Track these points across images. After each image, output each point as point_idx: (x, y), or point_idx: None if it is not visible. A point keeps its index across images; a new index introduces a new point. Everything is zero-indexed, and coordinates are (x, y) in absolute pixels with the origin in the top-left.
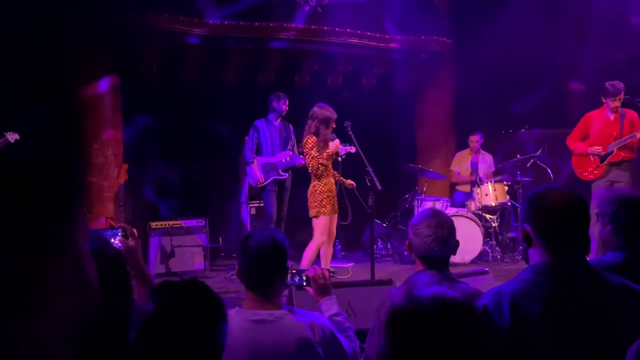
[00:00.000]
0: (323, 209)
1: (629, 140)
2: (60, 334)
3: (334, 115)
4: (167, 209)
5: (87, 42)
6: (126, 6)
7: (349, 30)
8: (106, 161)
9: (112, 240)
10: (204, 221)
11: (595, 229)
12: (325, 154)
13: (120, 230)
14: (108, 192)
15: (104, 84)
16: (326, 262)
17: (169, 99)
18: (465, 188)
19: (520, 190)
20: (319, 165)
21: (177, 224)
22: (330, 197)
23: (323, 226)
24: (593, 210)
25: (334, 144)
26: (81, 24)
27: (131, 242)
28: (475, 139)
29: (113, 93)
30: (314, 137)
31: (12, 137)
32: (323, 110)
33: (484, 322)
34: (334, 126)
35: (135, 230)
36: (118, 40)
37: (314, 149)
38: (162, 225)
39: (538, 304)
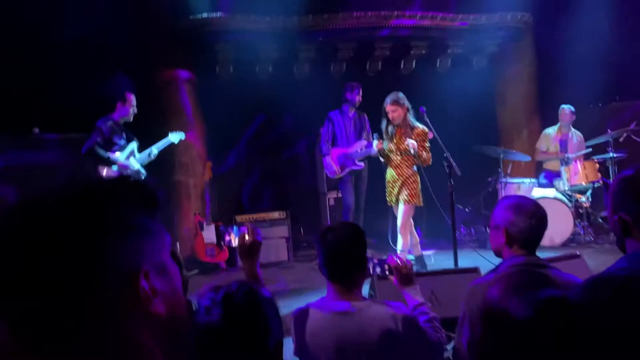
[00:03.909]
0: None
1: None
2: (155, 335)
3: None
4: (251, 203)
5: (166, 46)
6: (198, 10)
7: (419, 13)
8: (192, 160)
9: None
10: (285, 213)
11: None
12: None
13: (245, 228)
14: (195, 189)
15: (185, 87)
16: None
17: (244, 96)
18: (554, 166)
19: (613, 167)
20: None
21: (261, 217)
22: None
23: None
24: None
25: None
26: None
27: (249, 240)
28: (565, 111)
29: (191, 93)
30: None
31: (175, 137)
32: (404, 99)
33: (585, 313)
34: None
35: (259, 230)
36: (194, 43)
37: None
38: (246, 218)
39: None
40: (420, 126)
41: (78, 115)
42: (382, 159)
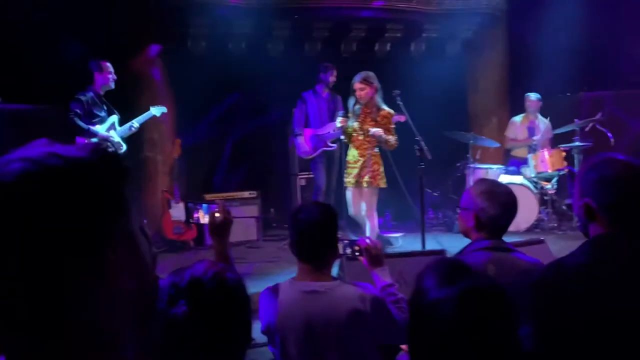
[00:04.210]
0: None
1: None
2: (122, 311)
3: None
4: (221, 182)
5: (137, 18)
6: None
7: None
8: (161, 136)
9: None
10: (255, 193)
11: None
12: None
13: (215, 206)
14: (163, 166)
15: (154, 60)
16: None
17: (217, 73)
18: (521, 154)
19: (579, 156)
20: None
21: (230, 196)
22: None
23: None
24: None
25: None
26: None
27: (220, 218)
28: (531, 99)
29: (163, 68)
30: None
31: (157, 111)
32: (375, 78)
33: (545, 296)
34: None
35: (228, 209)
36: (166, 15)
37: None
38: (216, 197)
39: (605, 277)
40: (387, 109)
41: (41, 89)
42: (343, 138)
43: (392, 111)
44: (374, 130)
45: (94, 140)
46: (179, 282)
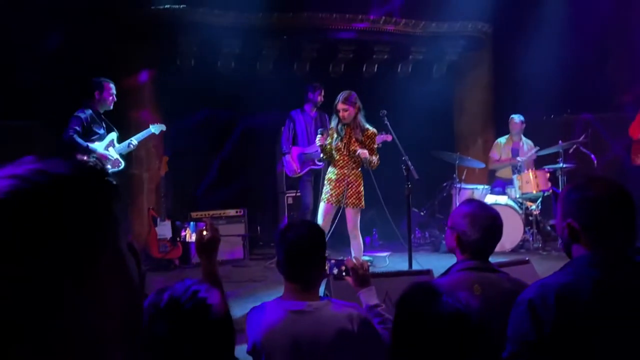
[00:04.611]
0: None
1: None
2: (110, 326)
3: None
4: (207, 200)
5: (127, 36)
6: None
7: (384, 17)
8: (148, 153)
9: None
10: (242, 211)
11: None
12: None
13: (203, 224)
14: (150, 184)
15: (143, 77)
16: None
17: (206, 92)
18: (506, 175)
19: (563, 177)
20: None
21: (217, 214)
22: None
23: None
24: None
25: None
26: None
27: (207, 235)
28: (515, 121)
29: (152, 86)
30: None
31: (156, 128)
32: (357, 98)
33: (529, 316)
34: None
35: (216, 227)
36: (156, 33)
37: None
38: (202, 215)
39: (586, 298)
40: (371, 128)
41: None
42: (323, 157)
43: (375, 130)
44: (362, 151)
45: (93, 157)
46: (158, 303)
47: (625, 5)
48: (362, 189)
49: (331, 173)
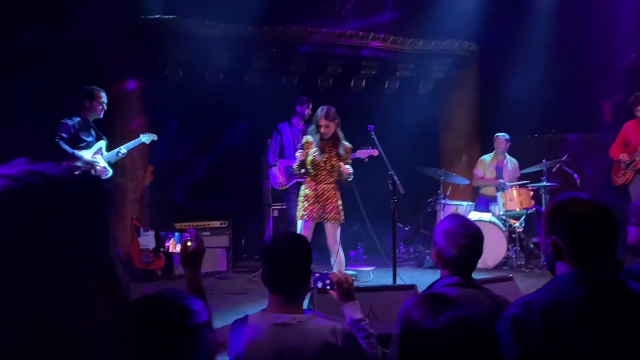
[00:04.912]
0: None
1: None
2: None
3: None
4: (192, 211)
5: (114, 45)
6: (152, 10)
7: (373, 33)
8: (132, 163)
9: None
10: (227, 223)
11: None
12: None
13: (188, 235)
14: (134, 193)
15: (131, 86)
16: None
17: (193, 102)
18: (490, 192)
19: (546, 196)
20: None
21: (201, 225)
22: None
23: None
24: None
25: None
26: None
27: (193, 246)
28: (500, 139)
29: (138, 96)
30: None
31: (147, 138)
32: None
33: (513, 332)
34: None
35: (202, 238)
36: (144, 44)
37: None
38: (186, 226)
39: (571, 314)
40: (347, 143)
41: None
42: (299, 171)
43: (351, 146)
44: (346, 167)
45: (79, 165)
46: (144, 302)
47: (611, 28)
48: (340, 202)
49: (308, 189)
